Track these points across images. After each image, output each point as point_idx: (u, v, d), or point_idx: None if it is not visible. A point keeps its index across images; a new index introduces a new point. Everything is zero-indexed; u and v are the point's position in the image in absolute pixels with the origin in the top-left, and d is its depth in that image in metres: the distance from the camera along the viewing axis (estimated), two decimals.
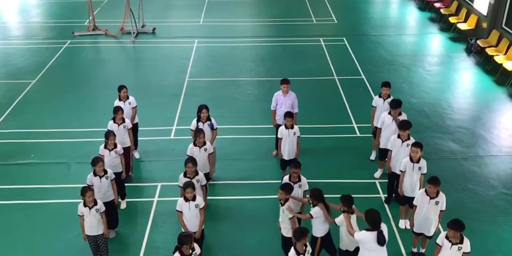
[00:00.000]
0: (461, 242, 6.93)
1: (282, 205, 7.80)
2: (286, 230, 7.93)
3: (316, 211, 7.66)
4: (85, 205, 7.76)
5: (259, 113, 12.94)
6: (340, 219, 7.56)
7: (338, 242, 7.90)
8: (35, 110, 13.38)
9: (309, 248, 7.02)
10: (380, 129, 10.01)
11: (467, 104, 13.71)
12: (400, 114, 9.77)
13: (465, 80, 15.49)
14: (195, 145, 9.19)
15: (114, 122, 9.84)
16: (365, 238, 6.98)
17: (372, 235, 6.92)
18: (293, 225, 7.74)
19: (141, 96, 11.20)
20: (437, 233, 7.91)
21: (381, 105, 10.46)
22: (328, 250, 8.09)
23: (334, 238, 8.05)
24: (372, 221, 6.97)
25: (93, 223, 7.83)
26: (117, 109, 9.85)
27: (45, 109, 13.43)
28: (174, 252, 6.86)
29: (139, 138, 11.15)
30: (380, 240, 6.92)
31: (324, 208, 7.70)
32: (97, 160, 8.36)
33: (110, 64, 16.69)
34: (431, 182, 7.63)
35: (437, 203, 7.71)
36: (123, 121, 9.87)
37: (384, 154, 9.78)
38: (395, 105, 9.73)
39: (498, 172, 10.68)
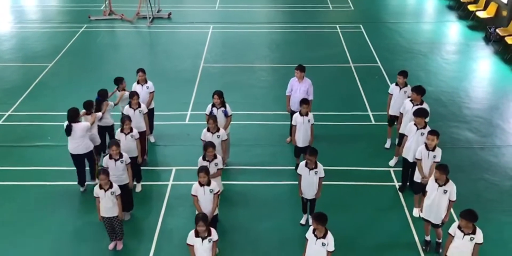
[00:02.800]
0: (473, 232, 6.88)
1: None
2: None
3: None
4: (100, 188, 7.84)
5: (273, 99, 12.91)
6: None
7: None
8: (52, 93, 13.48)
9: None
10: (402, 114, 9.92)
11: (484, 93, 13.54)
12: (422, 103, 9.64)
13: (483, 69, 15.28)
14: (208, 130, 9.22)
15: (130, 106, 9.87)
16: None
17: None
18: None
19: (156, 81, 11.17)
20: (447, 223, 7.90)
21: (397, 93, 10.38)
22: None
23: None
24: None
25: (108, 205, 7.92)
26: (133, 94, 9.88)
27: (62, 93, 13.52)
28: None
29: (154, 123, 11.20)
30: None
31: None
32: (113, 144, 8.43)
33: (125, 49, 16.72)
34: (438, 168, 7.62)
35: (445, 191, 7.65)
36: (139, 106, 9.89)
37: (402, 139, 9.73)
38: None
39: None
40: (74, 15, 19.35)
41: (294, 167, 10.07)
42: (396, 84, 10.45)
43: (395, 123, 10.48)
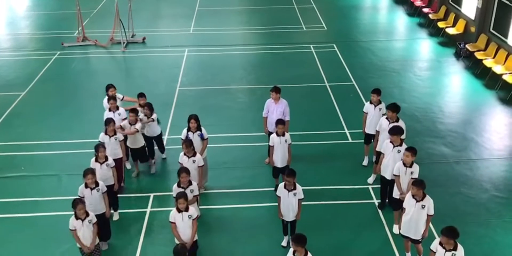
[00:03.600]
0: (455, 248, 6.89)
1: None
2: None
3: None
4: (77, 218, 7.68)
5: (251, 121, 12.93)
6: None
7: None
8: (25, 122, 13.28)
9: None
10: (378, 132, 10.01)
11: (457, 108, 13.78)
12: (397, 120, 9.76)
13: (455, 84, 15.58)
14: (185, 154, 9.17)
15: (106, 133, 9.78)
16: None
17: None
18: None
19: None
20: (426, 238, 7.92)
21: (372, 111, 10.50)
22: None
23: None
24: None
25: (87, 235, 7.77)
26: (109, 121, 9.80)
27: (35, 121, 13.34)
28: None
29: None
30: None
31: None
32: (88, 172, 8.28)
33: (100, 74, 16.62)
34: (414, 184, 7.67)
35: (423, 207, 7.70)
36: (115, 133, 9.81)
37: (379, 157, 9.79)
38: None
39: (490, 175, 10.71)
40: (47, 42, 19.23)
41: (273, 188, 10.04)
42: (371, 102, 10.57)
43: (372, 140, 10.56)
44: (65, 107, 14.13)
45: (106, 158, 9.04)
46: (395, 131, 9.07)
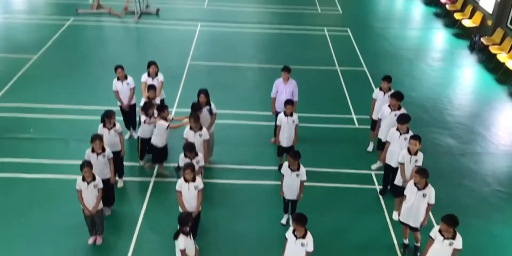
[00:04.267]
0: (453, 237, 6.97)
1: None
2: None
3: None
4: (83, 180, 7.79)
5: (259, 100, 12.94)
6: None
7: None
8: (36, 85, 13.33)
9: None
10: (380, 120, 10.05)
11: (467, 101, 13.75)
12: (399, 108, 9.79)
13: (467, 77, 15.51)
14: (190, 128, 9.19)
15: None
16: None
17: None
18: None
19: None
20: (425, 226, 8.00)
21: (381, 98, 10.48)
22: None
23: None
24: None
25: (90, 198, 7.88)
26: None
27: (46, 85, 13.38)
28: (176, 236, 6.87)
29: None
30: None
31: None
32: (95, 138, 8.36)
33: (112, 43, 16.60)
34: (418, 172, 7.72)
35: (424, 195, 7.76)
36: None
37: (382, 144, 9.84)
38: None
39: (494, 170, 10.76)
40: (62, 8, 19.14)
41: (277, 167, 10.12)
42: (380, 89, 10.56)
43: None
44: (76, 73, 14.14)
45: (114, 125, 9.09)
46: (404, 120, 9.09)
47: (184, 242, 6.78)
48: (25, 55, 14.99)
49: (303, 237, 6.91)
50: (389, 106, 9.86)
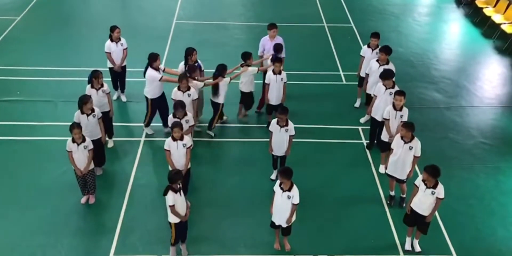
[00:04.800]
0: (434, 187, 7.18)
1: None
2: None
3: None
4: (73, 141, 7.87)
5: None
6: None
7: None
8: (21, 47, 13.15)
9: None
10: (368, 75, 10.12)
11: (453, 56, 13.81)
12: (388, 63, 9.85)
13: (453, 31, 15.50)
14: (179, 89, 9.19)
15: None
16: None
17: None
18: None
19: (127, 37, 10.98)
20: (411, 178, 8.22)
21: (369, 55, 10.52)
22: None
23: None
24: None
25: (81, 159, 7.98)
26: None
27: (31, 47, 13.21)
28: (165, 193, 7.01)
29: (127, 79, 11.10)
30: None
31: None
32: (86, 98, 8.37)
33: (96, 3, 16.27)
34: (404, 126, 7.87)
35: (410, 148, 7.94)
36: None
37: (370, 99, 9.96)
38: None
39: (478, 122, 10.96)
40: None
41: (266, 125, 10.24)
42: (368, 46, 10.57)
43: None
44: (61, 34, 13.94)
45: (102, 85, 9.08)
46: (387, 75, 9.17)
47: (173, 198, 6.95)
48: (7, 17, 14.70)
49: (289, 190, 7.11)
50: (377, 61, 9.91)
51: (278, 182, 7.23)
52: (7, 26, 14.15)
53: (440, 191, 7.19)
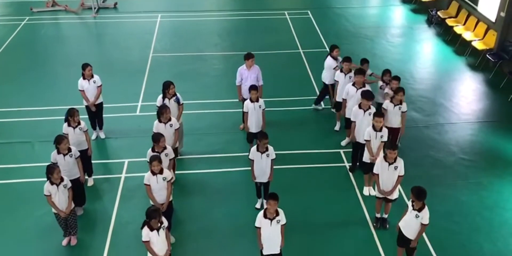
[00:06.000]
0: (420, 210, 7.09)
1: None
2: None
3: None
4: (52, 183, 7.71)
5: (225, 87, 12.94)
6: None
7: None
8: None
9: None
10: (345, 100, 10.20)
11: (428, 74, 14.01)
12: (364, 85, 9.95)
13: (426, 50, 15.78)
14: (160, 121, 9.13)
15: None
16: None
17: None
18: None
19: (104, 73, 11.03)
20: (398, 198, 8.21)
21: (342, 79, 10.62)
22: None
23: None
24: None
25: (62, 200, 7.83)
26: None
27: (5, 88, 13.12)
28: (142, 227, 6.92)
29: (104, 115, 11.02)
30: None
31: None
32: (61, 138, 8.27)
33: (71, 41, 16.31)
34: (390, 147, 7.85)
35: (396, 168, 7.95)
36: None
37: (349, 123, 10.01)
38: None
39: (457, 139, 11.05)
40: (15, 7, 18.70)
41: (247, 154, 10.18)
42: (341, 71, 10.69)
43: None
44: (36, 73, 13.89)
45: (79, 123, 9.00)
46: (368, 96, 9.26)
47: (147, 234, 6.83)
48: None
49: (277, 215, 7.03)
50: (353, 85, 10.00)
51: (260, 216, 7.06)
52: None
53: (424, 215, 7.08)
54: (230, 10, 18.72)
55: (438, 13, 16.79)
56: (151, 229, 6.85)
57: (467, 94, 12.93)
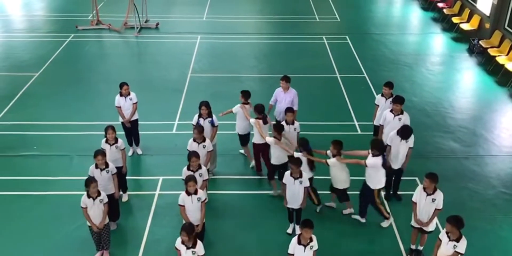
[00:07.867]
0: (457, 240, 6.97)
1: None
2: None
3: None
4: (88, 197, 7.81)
5: None
6: (333, 161, 8.93)
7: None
8: (38, 102, 13.43)
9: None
10: (383, 126, 10.09)
11: (468, 104, 13.75)
12: (402, 112, 9.84)
13: (467, 80, 15.52)
14: (194, 140, 9.23)
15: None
16: (377, 162, 8.50)
17: (379, 158, 8.55)
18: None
19: (143, 91, 11.26)
20: (435, 231, 7.98)
21: (383, 104, 10.55)
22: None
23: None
24: (379, 148, 8.56)
25: (97, 213, 7.90)
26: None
27: (48, 102, 13.48)
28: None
29: (140, 133, 11.18)
30: (384, 162, 8.63)
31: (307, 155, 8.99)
32: (98, 153, 8.39)
33: (112, 58, 16.73)
34: (428, 176, 7.72)
35: (433, 200, 7.76)
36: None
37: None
38: (397, 100, 9.85)
39: (498, 172, 10.73)
40: (61, 25, 19.33)
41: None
42: (382, 95, 10.61)
43: None
44: (78, 89, 14.26)
45: (116, 140, 9.13)
46: (408, 133, 9.14)
47: (179, 247, 6.99)
48: (26, 73, 15.12)
49: (311, 240, 6.98)
50: (391, 111, 9.90)
51: (294, 243, 7.04)
52: (25, 82, 14.53)
53: (462, 245, 6.95)
54: (267, 34, 18.91)
55: (480, 42, 16.55)
56: (182, 243, 6.84)
57: (509, 126, 12.59)
